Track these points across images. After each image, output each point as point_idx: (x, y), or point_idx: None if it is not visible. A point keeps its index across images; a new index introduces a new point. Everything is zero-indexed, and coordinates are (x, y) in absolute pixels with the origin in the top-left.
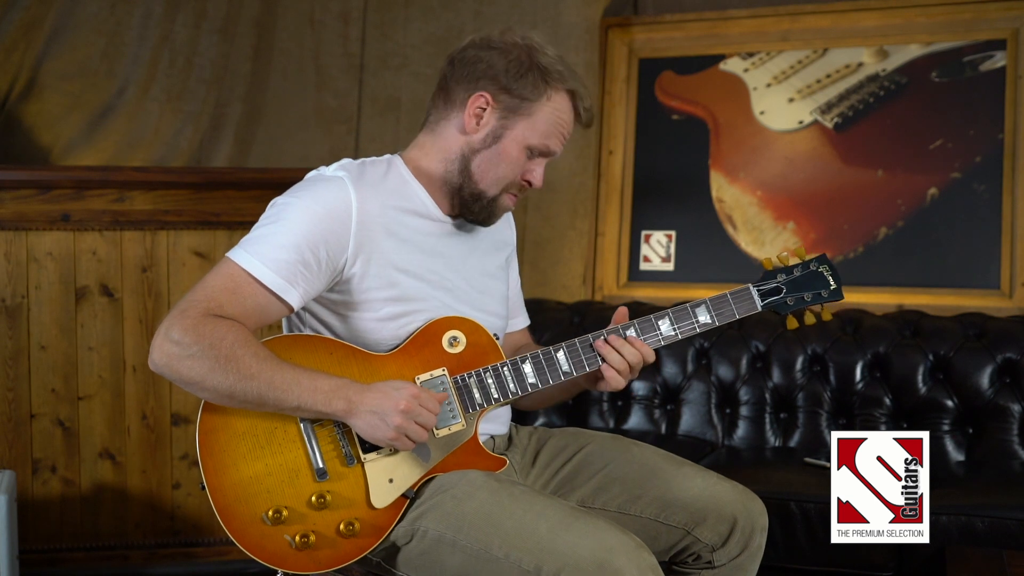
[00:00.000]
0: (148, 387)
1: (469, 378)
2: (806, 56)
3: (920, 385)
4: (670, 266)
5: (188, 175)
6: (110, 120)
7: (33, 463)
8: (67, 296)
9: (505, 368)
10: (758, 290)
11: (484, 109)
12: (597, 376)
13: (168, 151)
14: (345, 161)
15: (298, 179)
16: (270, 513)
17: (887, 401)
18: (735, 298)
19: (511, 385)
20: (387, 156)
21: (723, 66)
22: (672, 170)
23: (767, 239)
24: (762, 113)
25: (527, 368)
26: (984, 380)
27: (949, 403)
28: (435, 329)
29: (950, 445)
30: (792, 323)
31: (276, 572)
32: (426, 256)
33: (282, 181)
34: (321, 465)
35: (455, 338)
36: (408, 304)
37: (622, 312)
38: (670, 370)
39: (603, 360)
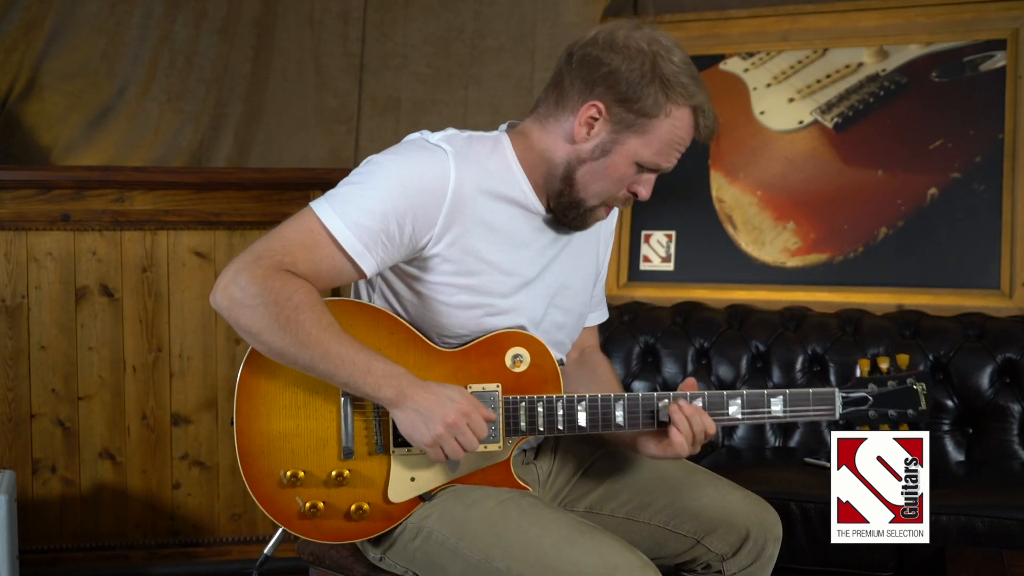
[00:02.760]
0: (148, 387)
1: (520, 402)
2: (806, 56)
3: None
4: (670, 266)
5: (188, 175)
6: (110, 120)
7: (33, 463)
8: (67, 296)
9: (559, 403)
10: (843, 398)
11: (596, 119)
12: (649, 441)
13: (168, 151)
14: (452, 132)
15: (298, 179)
16: (288, 474)
17: None
18: (816, 398)
19: (560, 424)
20: (496, 133)
21: (723, 66)
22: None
23: (767, 239)
24: (762, 113)
25: (580, 410)
26: (984, 380)
27: (949, 403)
28: (502, 341)
29: (950, 445)
30: (863, 427)
31: (279, 529)
32: (513, 247)
33: (282, 181)
34: (349, 445)
35: (519, 356)
36: (483, 297)
37: (690, 382)
38: (670, 370)
39: (671, 423)
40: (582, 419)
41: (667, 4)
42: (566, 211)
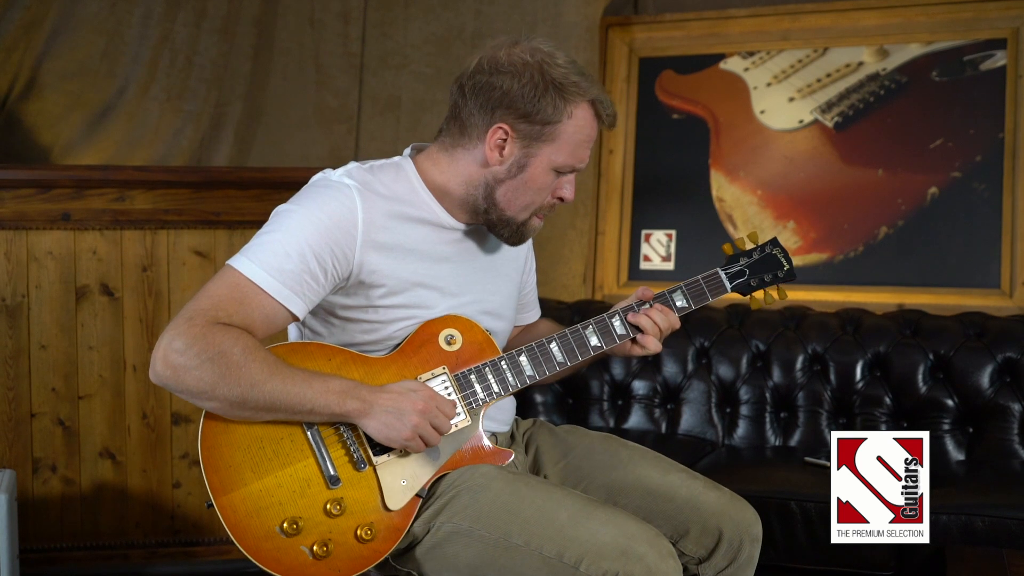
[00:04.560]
0: (148, 386)
1: (470, 374)
2: (806, 55)
3: (920, 385)
4: (670, 265)
5: (188, 174)
6: (110, 120)
7: (33, 462)
8: (67, 295)
9: (503, 362)
10: (725, 273)
11: (505, 140)
12: (625, 346)
13: (168, 150)
14: (352, 166)
15: (298, 178)
16: (285, 525)
17: (887, 401)
18: (706, 281)
19: (510, 378)
20: (397, 159)
21: (723, 65)
22: (672, 169)
23: (767, 238)
24: (762, 112)
25: (523, 360)
26: (984, 380)
27: (949, 403)
28: (431, 329)
29: (950, 445)
30: (756, 303)
31: None
32: (432, 263)
33: (282, 181)
34: (333, 472)
35: (451, 336)
36: (411, 310)
37: (649, 292)
38: (670, 369)
39: (639, 329)
40: (527, 368)
41: (667, 4)
42: (499, 229)
